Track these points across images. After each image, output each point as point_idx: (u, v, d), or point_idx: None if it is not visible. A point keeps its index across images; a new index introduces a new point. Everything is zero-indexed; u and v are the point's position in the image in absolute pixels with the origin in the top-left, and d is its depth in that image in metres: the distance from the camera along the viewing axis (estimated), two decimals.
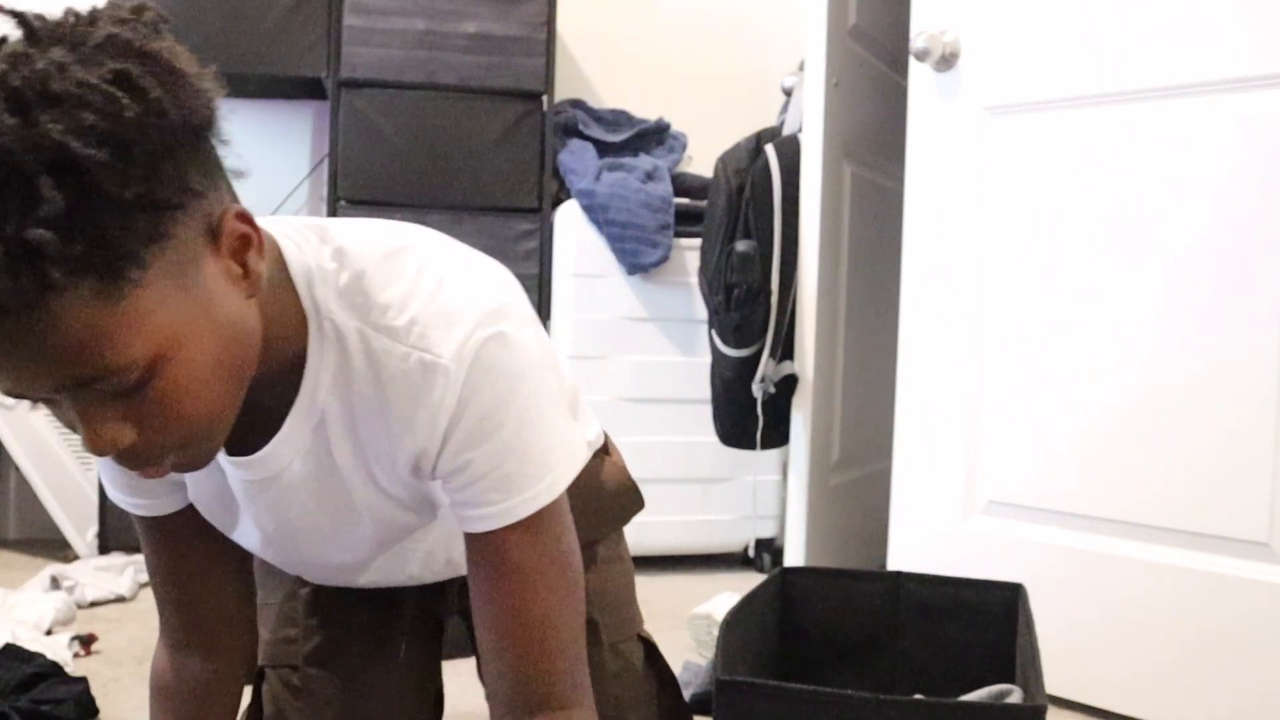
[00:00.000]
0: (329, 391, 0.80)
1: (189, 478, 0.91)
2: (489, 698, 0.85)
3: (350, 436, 0.82)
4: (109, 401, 0.65)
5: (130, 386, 0.65)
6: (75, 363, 0.62)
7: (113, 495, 0.92)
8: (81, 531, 2.50)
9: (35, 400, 0.66)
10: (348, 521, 0.88)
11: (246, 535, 0.94)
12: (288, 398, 0.80)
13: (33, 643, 1.77)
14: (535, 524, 0.81)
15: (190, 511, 0.93)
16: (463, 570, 1.01)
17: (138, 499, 0.92)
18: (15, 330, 0.59)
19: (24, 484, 2.54)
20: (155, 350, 0.65)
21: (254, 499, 0.87)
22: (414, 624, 1.13)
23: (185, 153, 0.65)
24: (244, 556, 1.01)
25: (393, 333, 0.77)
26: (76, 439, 2.72)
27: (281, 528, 0.90)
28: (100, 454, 0.66)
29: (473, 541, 0.82)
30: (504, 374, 0.78)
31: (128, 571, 2.30)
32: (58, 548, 2.56)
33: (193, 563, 0.96)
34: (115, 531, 2.50)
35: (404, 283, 0.78)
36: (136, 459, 0.69)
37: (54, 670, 1.64)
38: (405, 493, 0.86)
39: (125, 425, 0.66)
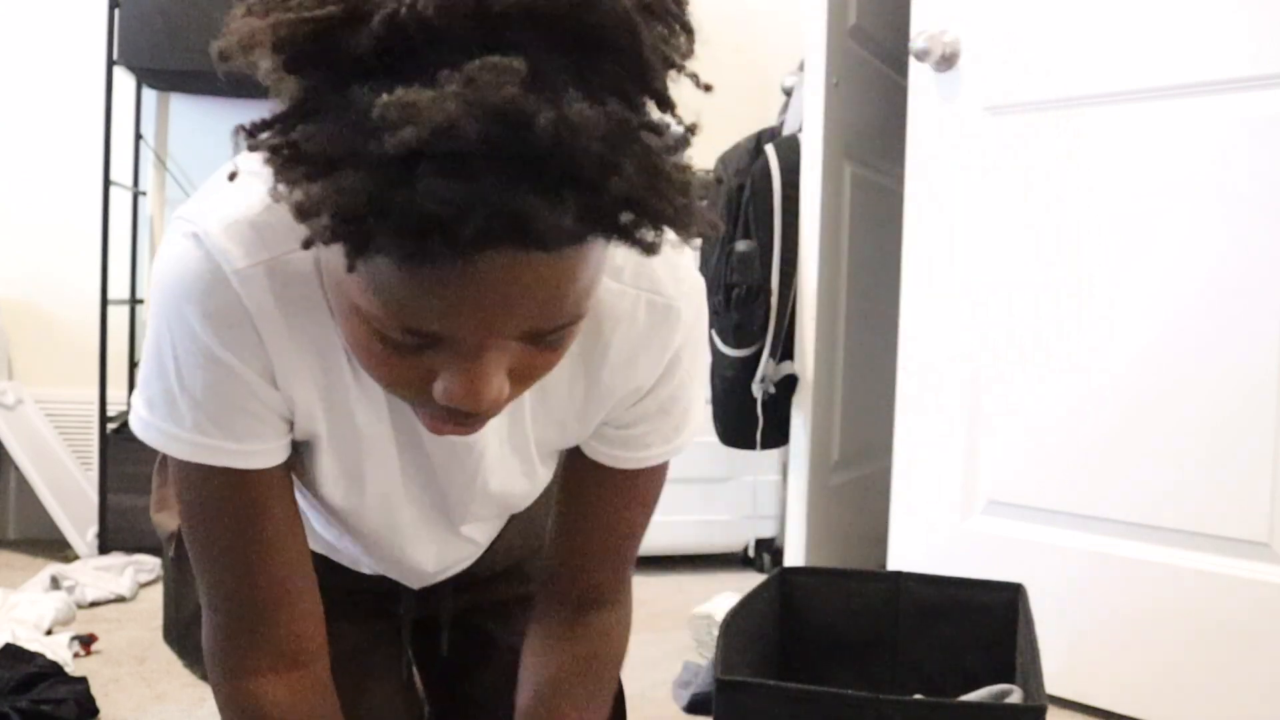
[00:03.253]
0: None
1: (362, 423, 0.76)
2: (546, 583, 0.90)
3: (540, 385, 0.72)
4: (513, 354, 0.58)
5: (554, 340, 0.59)
6: (566, 307, 0.56)
7: (211, 449, 0.71)
8: (81, 531, 2.50)
9: (423, 346, 0.57)
10: (518, 479, 0.86)
11: (374, 498, 0.81)
12: None
13: (33, 643, 1.77)
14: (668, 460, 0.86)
15: (284, 474, 0.76)
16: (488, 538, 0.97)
17: (245, 444, 0.72)
18: (551, 268, 0.52)
19: (24, 484, 2.54)
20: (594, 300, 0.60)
21: (438, 470, 0.81)
22: (412, 634, 1.06)
23: None
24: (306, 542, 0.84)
25: (617, 273, 0.73)
26: (77, 438, 2.72)
27: (447, 490, 0.83)
28: (481, 408, 0.58)
29: (610, 472, 0.84)
30: (704, 324, 0.81)
31: (128, 571, 2.30)
32: (58, 548, 2.56)
33: (285, 548, 0.76)
34: (115, 531, 2.50)
35: None
36: (480, 417, 0.62)
37: (54, 670, 1.64)
38: (564, 441, 0.84)
39: (506, 380, 0.59)
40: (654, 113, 0.54)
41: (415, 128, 0.46)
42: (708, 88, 0.57)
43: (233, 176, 0.57)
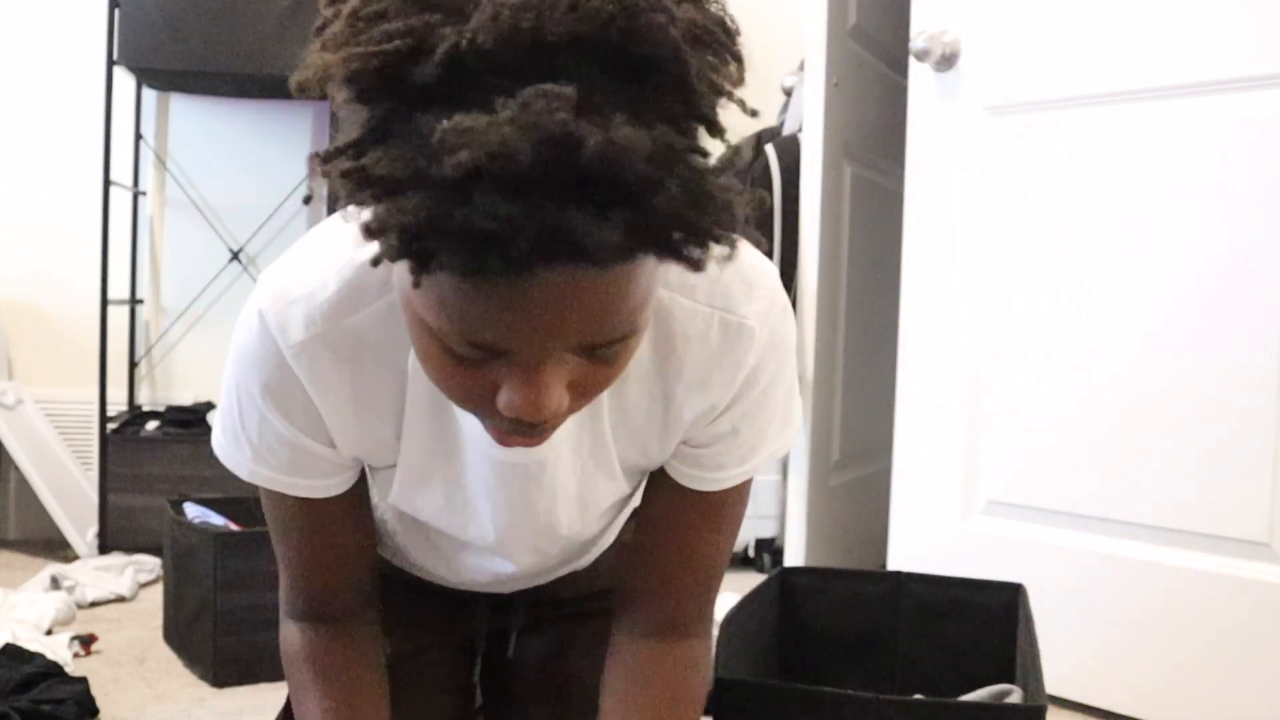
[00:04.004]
0: None
1: (408, 471, 0.82)
2: (624, 610, 0.90)
3: (616, 401, 0.80)
4: (572, 367, 0.61)
5: (610, 355, 0.62)
6: (618, 322, 0.58)
7: (269, 479, 0.80)
8: (81, 531, 2.50)
9: (486, 359, 0.60)
10: (606, 496, 0.87)
11: (465, 523, 0.87)
12: None
13: (33, 643, 1.77)
14: (748, 480, 0.86)
15: (349, 493, 0.84)
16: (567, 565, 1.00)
17: (301, 479, 0.80)
18: (602, 283, 0.55)
19: (24, 484, 2.54)
20: (646, 317, 0.63)
21: (506, 485, 0.82)
22: (486, 641, 1.10)
23: None
24: (374, 536, 0.93)
25: (690, 292, 0.76)
26: (77, 438, 2.72)
27: (521, 518, 0.85)
28: (541, 419, 0.61)
29: (689, 493, 0.85)
30: (789, 345, 0.81)
31: (128, 571, 2.30)
32: (58, 548, 2.56)
33: (340, 545, 0.86)
34: (115, 531, 2.50)
35: None
36: (543, 427, 0.64)
37: (54, 670, 1.64)
38: (647, 461, 0.85)
39: (566, 393, 0.61)
40: (705, 138, 0.56)
41: (471, 150, 0.49)
42: (754, 113, 0.58)
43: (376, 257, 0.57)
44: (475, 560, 0.93)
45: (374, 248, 0.56)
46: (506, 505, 0.84)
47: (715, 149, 0.57)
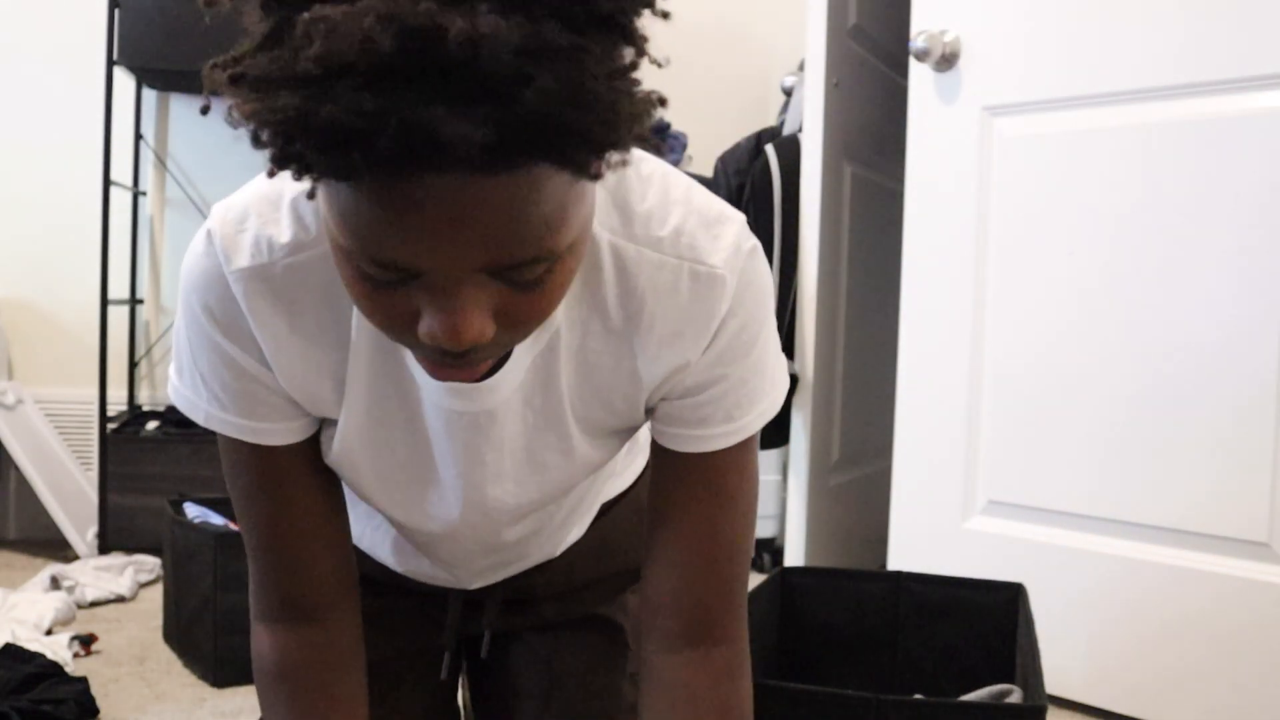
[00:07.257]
0: (563, 309, 0.73)
1: (365, 416, 0.77)
2: (648, 622, 0.84)
3: (578, 358, 0.76)
4: (493, 294, 0.58)
5: (528, 280, 0.58)
6: (529, 240, 0.55)
7: (223, 421, 0.76)
8: (81, 531, 2.50)
9: (400, 281, 0.57)
10: (554, 455, 0.81)
11: (424, 479, 0.82)
12: None
13: (33, 643, 1.77)
14: (748, 445, 0.80)
15: (307, 447, 0.80)
16: (548, 552, 0.96)
17: (257, 422, 0.76)
18: (496, 194, 0.52)
19: (24, 484, 2.54)
20: (571, 245, 0.59)
21: (454, 436, 0.78)
22: (456, 640, 1.04)
23: None
24: (344, 507, 0.86)
25: (657, 244, 0.72)
26: (77, 438, 2.72)
27: (470, 469, 0.80)
28: (462, 346, 0.58)
29: (683, 461, 0.80)
30: (761, 287, 0.76)
31: (128, 571, 2.30)
32: (58, 548, 2.56)
33: (306, 510, 0.81)
34: (115, 531, 2.50)
35: (657, 191, 0.74)
36: (472, 357, 0.61)
37: (54, 670, 1.64)
38: (616, 420, 0.80)
39: (490, 320, 0.58)
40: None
41: (330, 42, 0.48)
42: (659, 64, 0.58)
43: (272, 173, 0.56)
44: (432, 531, 0.87)
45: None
46: (454, 459, 0.79)
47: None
